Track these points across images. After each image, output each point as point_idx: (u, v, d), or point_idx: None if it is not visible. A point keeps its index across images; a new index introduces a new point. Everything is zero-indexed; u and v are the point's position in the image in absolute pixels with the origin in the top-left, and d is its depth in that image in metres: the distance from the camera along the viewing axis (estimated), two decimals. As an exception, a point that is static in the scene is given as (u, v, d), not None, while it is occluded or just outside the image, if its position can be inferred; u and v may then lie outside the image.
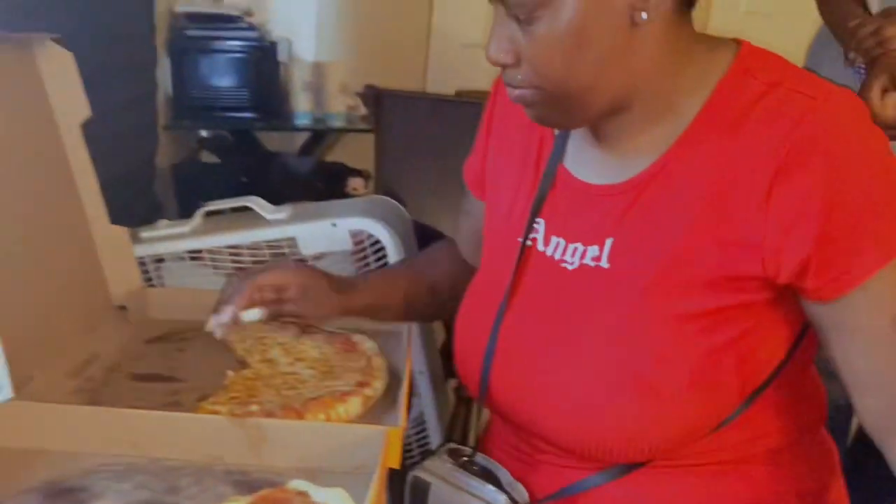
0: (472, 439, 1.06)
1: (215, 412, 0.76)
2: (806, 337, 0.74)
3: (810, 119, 0.66)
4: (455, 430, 1.13)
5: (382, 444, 0.70)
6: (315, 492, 0.64)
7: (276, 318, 0.87)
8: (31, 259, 0.87)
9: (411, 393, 1.14)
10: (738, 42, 0.73)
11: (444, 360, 1.29)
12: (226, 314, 0.83)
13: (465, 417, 1.19)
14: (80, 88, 0.95)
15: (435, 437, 1.23)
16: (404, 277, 0.96)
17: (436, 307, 0.97)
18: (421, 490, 0.81)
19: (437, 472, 0.82)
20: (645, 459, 0.74)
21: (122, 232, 1.03)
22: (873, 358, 0.68)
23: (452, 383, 1.30)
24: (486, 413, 0.88)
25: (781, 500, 0.78)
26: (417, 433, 1.24)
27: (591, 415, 0.73)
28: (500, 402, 0.80)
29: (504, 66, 0.69)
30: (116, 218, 1.02)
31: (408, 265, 1.04)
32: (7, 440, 0.72)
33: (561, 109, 0.71)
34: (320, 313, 0.88)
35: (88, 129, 0.98)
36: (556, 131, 0.81)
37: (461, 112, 1.39)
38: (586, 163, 0.78)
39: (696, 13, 0.73)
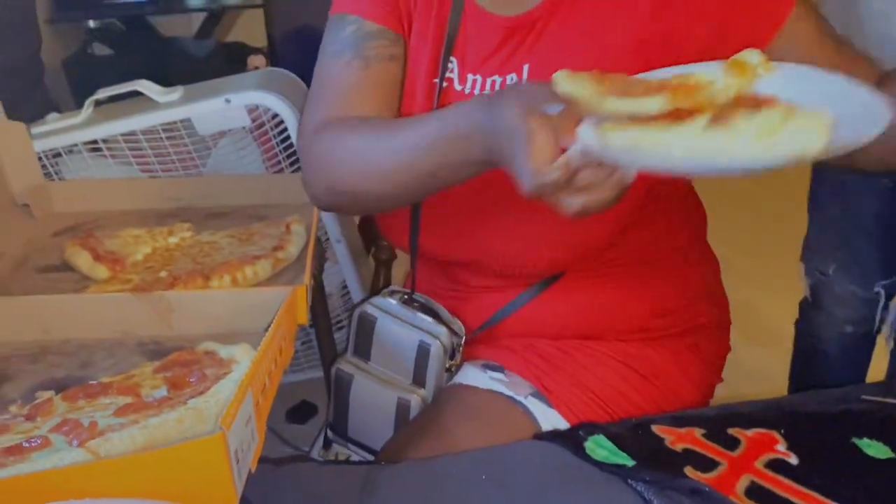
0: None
1: (128, 280, 0.78)
2: None
3: None
4: (377, 290, 1.18)
5: (287, 301, 0.74)
6: (222, 349, 0.68)
7: None
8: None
9: (324, 259, 1.16)
10: None
11: (363, 230, 1.33)
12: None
13: (386, 278, 1.24)
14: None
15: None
16: None
17: None
18: (368, 324, 0.86)
19: (383, 308, 0.86)
20: (564, 270, 0.82)
21: (20, 128, 0.99)
22: None
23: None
24: (402, 272, 0.92)
25: (692, 295, 0.87)
26: (342, 297, 1.29)
27: (515, 238, 0.79)
28: (432, 247, 0.84)
29: None
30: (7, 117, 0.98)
31: None
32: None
33: None
34: None
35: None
36: None
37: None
38: None
39: None
